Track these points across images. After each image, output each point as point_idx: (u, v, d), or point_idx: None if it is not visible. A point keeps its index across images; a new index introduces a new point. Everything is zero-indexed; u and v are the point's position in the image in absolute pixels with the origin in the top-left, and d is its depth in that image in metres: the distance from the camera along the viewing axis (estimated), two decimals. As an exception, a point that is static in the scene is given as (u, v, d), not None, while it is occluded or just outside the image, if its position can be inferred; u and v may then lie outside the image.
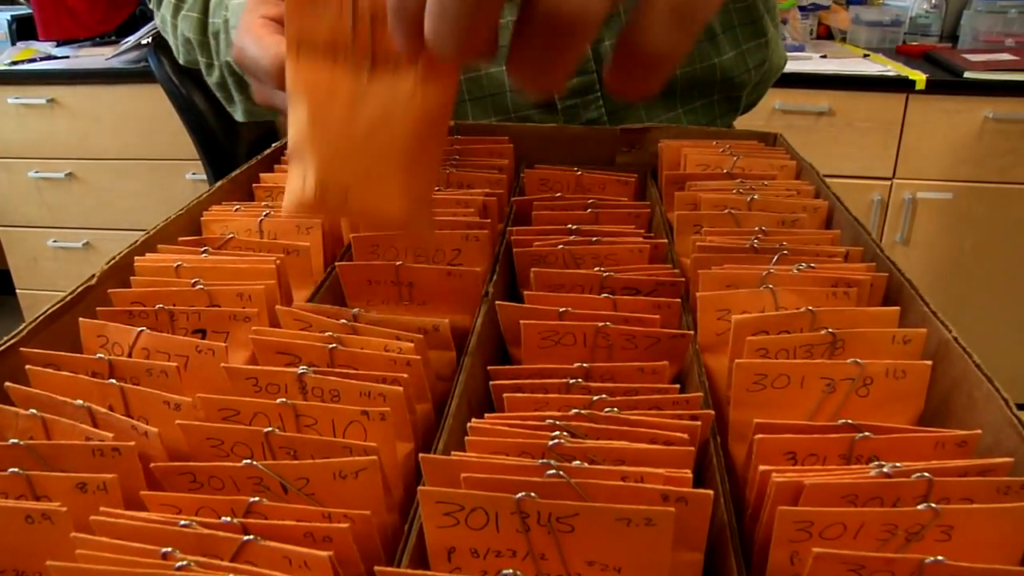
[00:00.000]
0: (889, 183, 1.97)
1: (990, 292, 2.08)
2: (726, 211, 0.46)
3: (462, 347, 0.37)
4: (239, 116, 0.70)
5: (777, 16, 0.76)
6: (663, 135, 0.60)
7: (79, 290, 0.39)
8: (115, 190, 2.28)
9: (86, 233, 2.36)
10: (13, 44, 2.44)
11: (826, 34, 2.30)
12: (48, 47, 2.37)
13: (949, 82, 1.86)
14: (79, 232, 2.36)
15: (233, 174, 0.54)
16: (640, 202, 0.51)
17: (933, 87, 1.85)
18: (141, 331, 0.35)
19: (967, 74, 1.85)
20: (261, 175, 0.56)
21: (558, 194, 0.52)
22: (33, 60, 2.22)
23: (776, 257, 0.39)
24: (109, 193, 2.29)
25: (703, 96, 0.71)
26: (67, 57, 2.26)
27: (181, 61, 0.72)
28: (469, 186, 0.55)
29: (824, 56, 2.02)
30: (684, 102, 0.70)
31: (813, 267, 0.38)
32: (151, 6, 0.75)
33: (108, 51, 2.24)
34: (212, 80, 0.69)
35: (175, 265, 0.41)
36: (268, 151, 0.60)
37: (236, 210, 0.49)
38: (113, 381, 0.32)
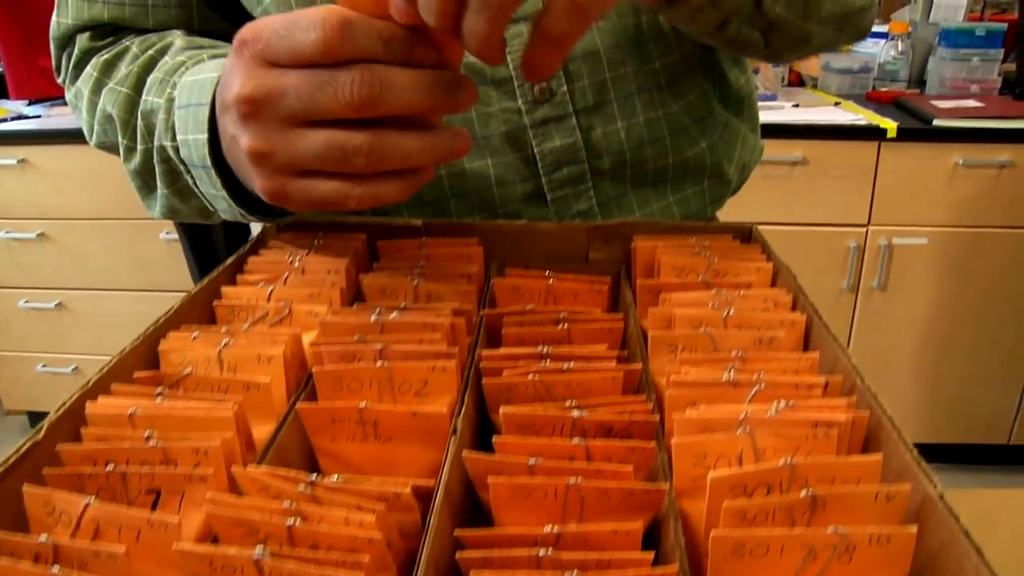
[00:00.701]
0: (865, 230, 1.98)
1: (969, 335, 2.09)
2: (702, 329, 0.45)
3: (430, 493, 0.36)
4: (155, 212, 0.64)
5: (748, 104, 0.75)
6: (635, 231, 0.60)
7: (25, 447, 0.37)
8: (88, 250, 2.25)
9: (58, 293, 2.33)
10: (-17, 103, 2.42)
11: (797, 81, 2.33)
12: (20, 106, 2.35)
13: (919, 130, 1.88)
14: (51, 292, 2.33)
15: (193, 290, 0.53)
16: (613, 315, 0.50)
17: (904, 135, 1.87)
18: (88, 504, 0.33)
19: (936, 122, 1.87)
20: (223, 289, 0.54)
21: (529, 306, 0.51)
22: (4, 120, 2.20)
23: (754, 392, 0.38)
24: (82, 253, 2.26)
25: (694, 184, 0.70)
26: (39, 116, 2.25)
27: (93, 142, 0.66)
28: (439, 298, 0.53)
29: (796, 105, 2.04)
30: (675, 191, 0.69)
31: (792, 405, 0.37)
32: (59, 80, 0.70)
33: (80, 111, 2.22)
34: (131, 166, 0.62)
35: (128, 412, 0.39)
36: (230, 261, 0.59)
37: (194, 337, 0.47)
38: (57, 570, 0.30)
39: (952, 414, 2.19)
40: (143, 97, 0.59)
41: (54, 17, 0.67)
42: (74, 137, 2.10)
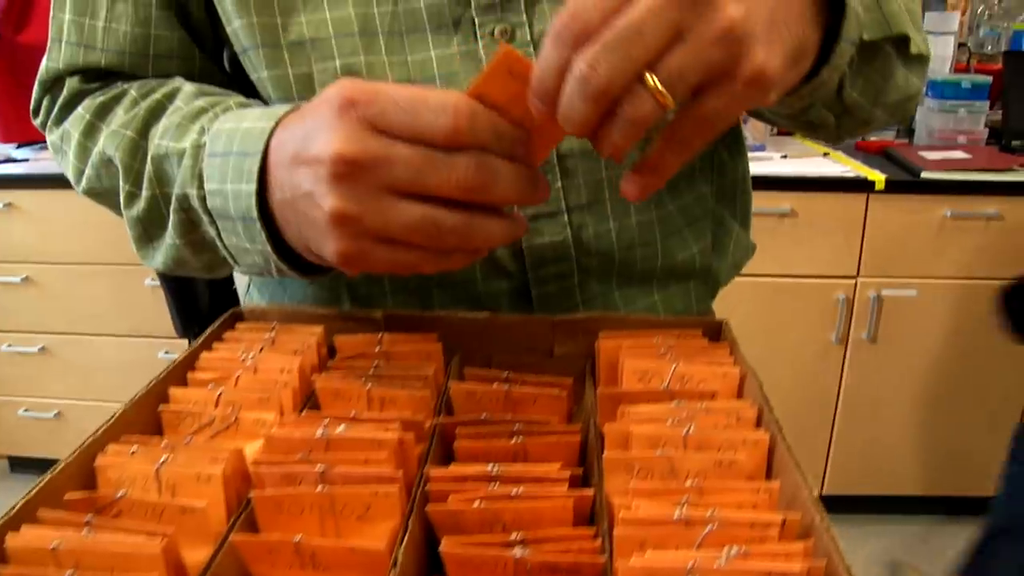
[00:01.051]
0: (854, 281, 1.97)
1: (959, 387, 2.07)
2: (659, 451, 0.43)
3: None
4: (155, 262, 0.60)
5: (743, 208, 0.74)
6: (601, 325, 0.58)
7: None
8: (73, 295, 2.24)
9: (42, 338, 2.31)
10: (-30, 148, 2.42)
11: (786, 131, 2.33)
12: (8, 149, 2.34)
13: (908, 182, 1.88)
14: (34, 336, 2.31)
15: (141, 392, 0.51)
16: (571, 427, 0.48)
17: (892, 187, 1.87)
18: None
19: (924, 174, 1.87)
20: (171, 391, 0.52)
21: (484, 415, 0.49)
22: (-9, 163, 2.19)
23: (705, 533, 0.36)
24: (67, 298, 2.24)
25: (681, 283, 0.69)
26: (27, 160, 2.24)
27: (81, 187, 0.61)
28: (392, 403, 0.52)
29: (785, 156, 2.04)
30: (661, 289, 0.68)
31: (744, 552, 0.35)
32: (36, 122, 0.66)
33: (68, 156, 2.22)
34: (133, 213, 0.58)
35: (52, 546, 0.37)
36: (181, 358, 0.56)
37: (133, 452, 0.45)
38: None
39: (945, 466, 2.16)
40: (154, 141, 0.56)
41: (44, 61, 0.63)
42: (61, 181, 2.06)
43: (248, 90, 0.62)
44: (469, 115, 0.41)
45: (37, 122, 0.67)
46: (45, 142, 2.02)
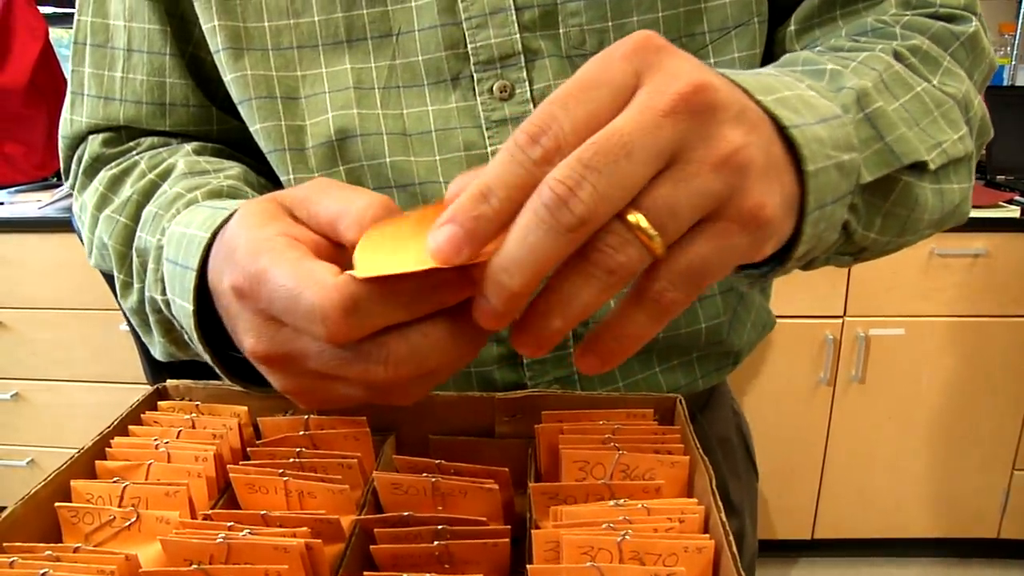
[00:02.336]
0: (841, 321, 1.93)
1: (949, 426, 2.03)
2: (589, 564, 0.39)
3: None
4: (157, 354, 0.57)
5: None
6: (544, 404, 0.54)
7: None
8: (46, 340, 2.19)
9: (15, 384, 2.26)
10: (-53, 191, 2.39)
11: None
12: (-16, 192, 2.31)
13: (892, 220, 1.84)
14: (7, 383, 2.26)
15: (39, 484, 0.46)
16: (499, 529, 0.44)
17: (876, 225, 1.83)
18: None
19: (909, 211, 1.83)
20: (73, 484, 0.48)
21: (406, 513, 0.45)
22: (-35, 207, 2.16)
23: (631, 671, 0.32)
24: (40, 343, 2.20)
25: (683, 355, 0.65)
26: (2, 203, 2.21)
27: (92, 262, 0.61)
28: (311, 496, 0.47)
29: (767, 194, 2.01)
30: (662, 361, 0.64)
31: None
32: (68, 186, 0.66)
33: (46, 196, 2.19)
34: (128, 304, 0.57)
35: None
36: (90, 444, 0.52)
37: (12, 564, 0.41)
38: None
39: (937, 507, 2.11)
40: (138, 232, 0.55)
41: (66, 114, 0.64)
42: (34, 225, 2.05)
43: None
44: (344, 316, 0.32)
45: (68, 186, 0.67)
46: (21, 185, 1.98)
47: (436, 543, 0.43)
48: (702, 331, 0.63)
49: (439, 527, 0.43)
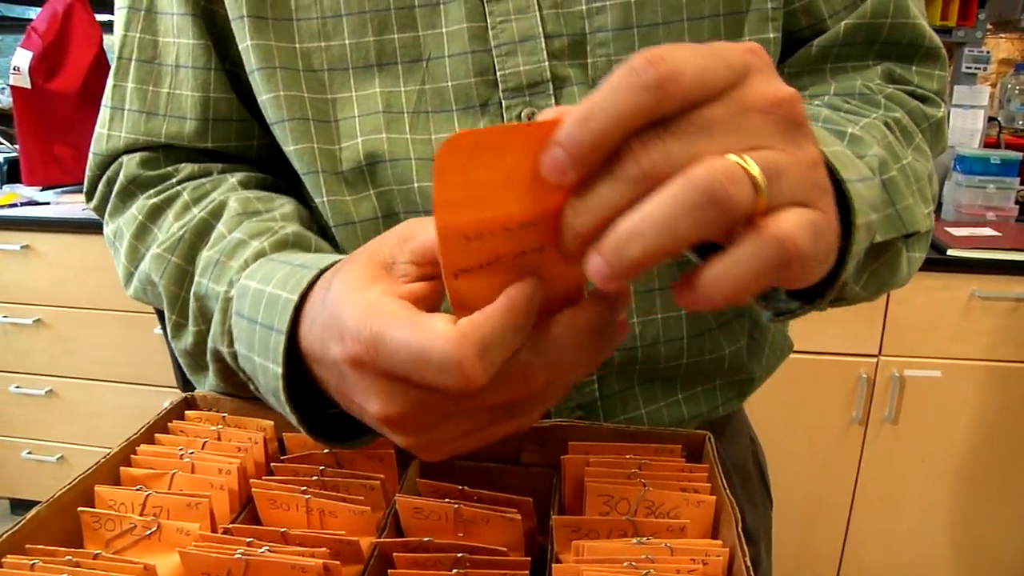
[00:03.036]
0: (875, 360, 1.90)
1: (985, 473, 1.98)
2: (609, 602, 0.38)
3: None
4: (204, 387, 0.58)
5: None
6: (570, 435, 0.53)
7: None
8: (83, 339, 2.23)
9: (50, 380, 2.29)
10: (0, 187, 2.45)
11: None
12: (32, 191, 2.36)
13: (933, 259, 1.82)
14: (43, 379, 2.29)
15: (63, 489, 0.47)
16: (519, 560, 0.43)
17: (917, 264, 1.80)
18: None
19: (950, 251, 1.81)
20: (97, 490, 0.48)
21: (427, 538, 0.44)
22: (14, 205, 2.21)
23: None
24: (76, 342, 2.24)
25: (707, 382, 0.65)
26: (48, 203, 2.25)
27: (130, 292, 0.60)
28: (332, 516, 0.47)
29: (805, 227, 1.99)
30: (685, 388, 0.64)
31: None
32: (90, 205, 0.65)
33: (88, 200, 2.23)
34: (181, 345, 0.56)
35: None
36: (116, 450, 0.53)
37: (33, 566, 0.41)
38: None
39: (966, 557, 2.06)
40: (197, 277, 0.54)
41: (100, 128, 0.63)
42: (77, 227, 2.09)
43: None
44: (478, 359, 0.32)
45: (91, 205, 0.66)
46: (67, 187, 2.00)
47: (455, 571, 0.42)
48: (725, 357, 0.63)
49: (459, 555, 0.43)
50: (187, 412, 0.58)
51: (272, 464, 0.52)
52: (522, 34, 0.55)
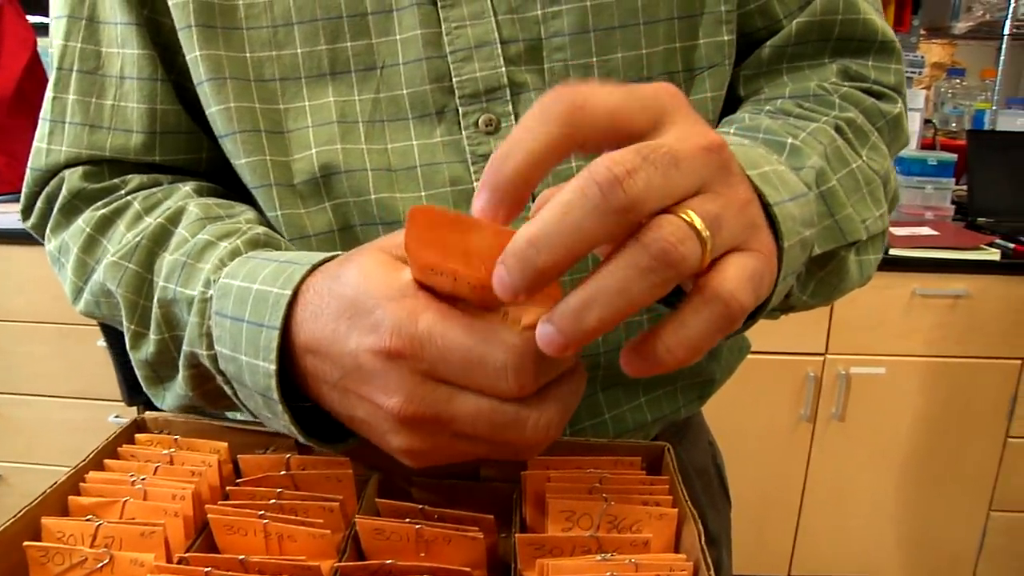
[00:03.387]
0: (822, 359, 1.94)
1: (928, 467, 2.04)
2: (576, 622, 0.38)
3: None
4: (165, 404, 0.56)
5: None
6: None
7: None
8: (21, 352, 2.16)
9: (-13, 398, 2.22)
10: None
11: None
12: (-35, 203, 2.28)
13: (876, 259, 1.85)
14: (-20, 396, 2.22)
15: (7, 522, 0.45)
16: (484, 580, 0.43)
17: (860, 264, 1.84)
18: None
19: (892, 251, 1.86)
20: (44, 522, 0.47)
21: (388, 561, 0.44)
22: (-58, 218, 2.13)
23: None
24: (14, 356, 2.16)
25: (668, 384, 0.65)
26: (-18, 214, 2.18)
27: (79, 308, 0.58)
28: (291, 540, 0.46)
29: (752, 229, 2.02)
30: (647, 392, 0.64)
31: None
32: (27, 224, 0.62)
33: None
34: (141, 355, 0.54)
35: None
36: (64, 479, 0.51)
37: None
38: None
39: (914, 548, 2.11)
40: (160, 282, 0.52)
41: (39, 143, 0.60)
42: (16, 238, 2.03)
43: None
44: (534, 370, 0.35)
45: (29, 224, 0.63)
46: (4, 196, 1.92)
47: (418, 595, 0.42)
48: None
49: (422, 577, 0.42)
50: (137, 435, 0.56)
51: (227, 488, 0.51)
52: (478, 40, 0.54)
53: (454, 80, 0.55)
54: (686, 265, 0.31)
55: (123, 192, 0.59)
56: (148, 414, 0.58)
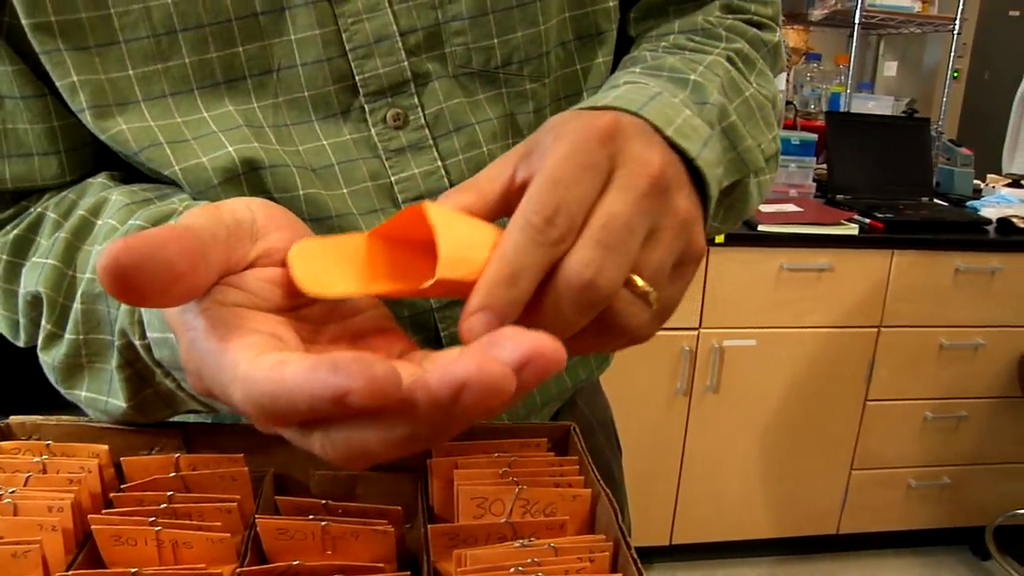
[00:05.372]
0: (696, 333, 2.00)
1: (796, 431, 2.15)
2: (499, 612, 0.37)
3: None
4: (97, 411, 0.50)
5: None
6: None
7: None
8: None
9: None
10: None
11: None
12: None
13: (745, 235, 1.94)
14: None
15: None
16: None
17: (731, 240, 1.92)
18: None
19: (760, 227, 1.93)
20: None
21: (296, 562, 0.42)
22: None
23: None
24: None
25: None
26: None
27: (23, 341, 0.51)
28: (187, 547, 0.43)
29: (629, 209, 2.06)
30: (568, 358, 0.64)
31: None
32: None
33: None
34: (49, 358, 0.49)
35: None
36: None
37: None
38: None
39: (785, 508, 2.23)
40: (86, 275, 0.46)
41: None
42: None
43: None
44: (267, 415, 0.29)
45: None
46: None
47: (330, 596, 0.40)
48: None
49: (334, 577, 0.40)
50: (2, 443, 0.51)
51: (111, 495, 0.47)
52: (376, 34, 0.51)
53: (357, 78, 0.52)
54: (639, 333, 0.37)
55: (32, 210, 0.52)
56: (13, 418, 0.53)
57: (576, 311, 0.34)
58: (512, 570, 0.39)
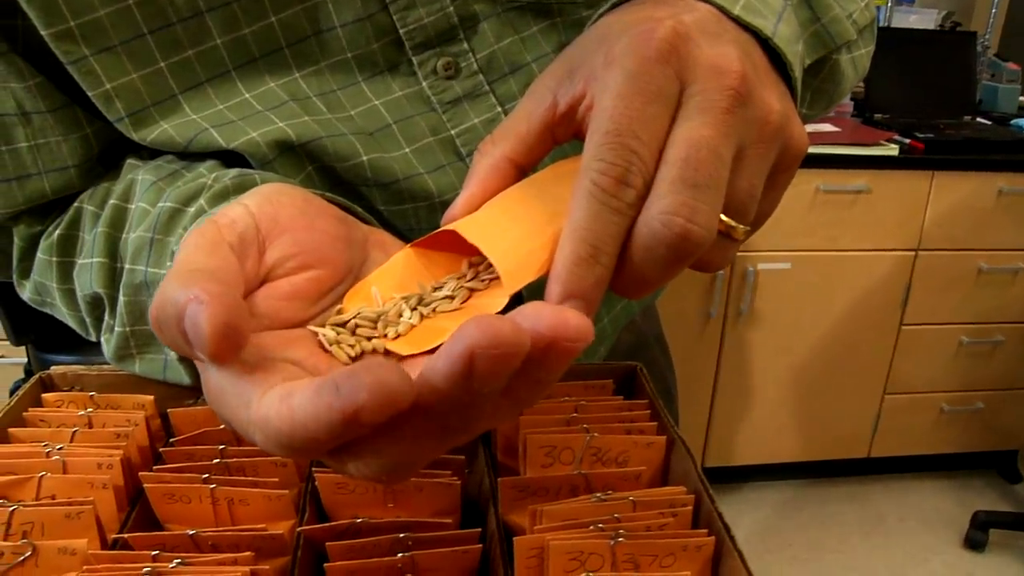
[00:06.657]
0: (731, 257, 1.96)
1: (830, 355, 2.12)
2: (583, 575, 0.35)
3: None
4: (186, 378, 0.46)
5: None
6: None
7: None
8: None
9: None
10: None
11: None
12: None
13: (781, 157, 1.87)
14: None
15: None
16: (468, 533, 0.39)
17: (766, 162, 1.86)
18: None
19: (797, 148, 1.86)
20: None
21: (359, 519, 0.39)
22: None
23: None
24: None
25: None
26: None
27: (105, 337, 0.48)
28: (243, 504, 0.41)
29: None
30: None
31: None
32: (21, 289, 0.52)
33: None
34: (108, 350, 0.46)
35: None
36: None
37: None
38: None
39: (816, 432, 2.22)
40: (129, 265, 0.43)
41: None
42: None
43: None
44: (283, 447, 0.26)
45: (21, 290, 0.52)
46: None
47: (400, 555, 0.38)
48: None
49: (400, 535, 0.38)
50: (44, 395, 0.49)
51: (160, 448, 0.45)
52: None
53: (400, 31, 0.48)
54: (719, 268, 0.33)
55: (71, 207, 0.49)
56: (55, 369, 0.51)
57: (665, 267, 0.29)
58: (591, 527, 0.37)
